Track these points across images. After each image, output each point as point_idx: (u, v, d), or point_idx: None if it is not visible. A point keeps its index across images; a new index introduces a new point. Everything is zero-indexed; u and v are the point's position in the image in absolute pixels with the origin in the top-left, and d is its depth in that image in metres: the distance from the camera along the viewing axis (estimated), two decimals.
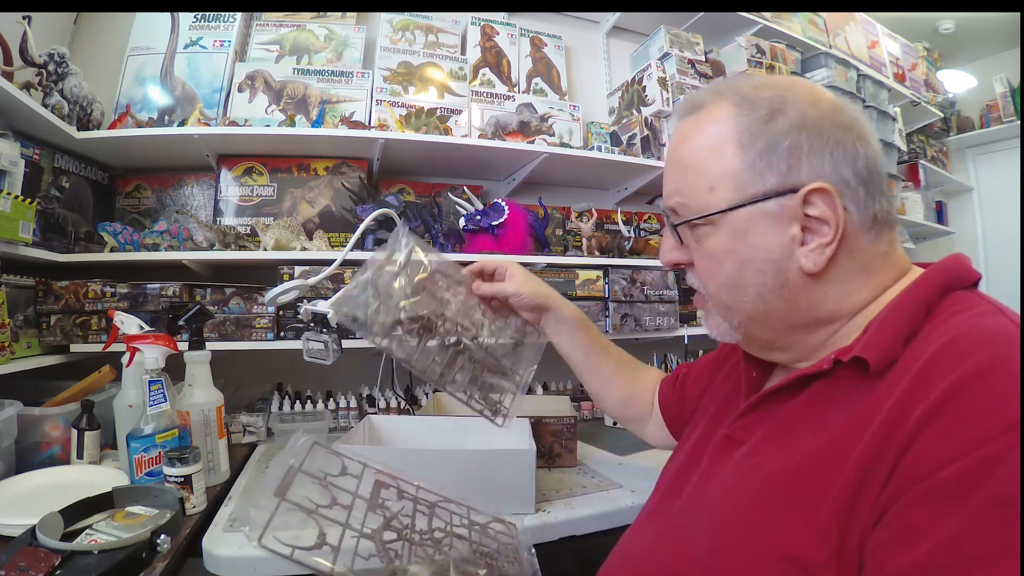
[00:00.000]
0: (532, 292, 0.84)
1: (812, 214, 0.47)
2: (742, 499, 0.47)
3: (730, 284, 0.52)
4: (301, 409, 1.34)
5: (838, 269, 0.49)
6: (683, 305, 1.66)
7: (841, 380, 0.47)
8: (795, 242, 0.48)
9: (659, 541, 0.56)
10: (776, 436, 0.49)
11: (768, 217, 0.49)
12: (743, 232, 0.50)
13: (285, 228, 1.31)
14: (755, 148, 0.49)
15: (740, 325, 0.54)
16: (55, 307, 1.16)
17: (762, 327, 0.53)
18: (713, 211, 0.50)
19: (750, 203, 0.49)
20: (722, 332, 0.57)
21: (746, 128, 0.49)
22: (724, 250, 0.51)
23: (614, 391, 0.91)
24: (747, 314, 0.52)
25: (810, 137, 0.48)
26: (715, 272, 0.53)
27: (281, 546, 0.48)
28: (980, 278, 0.49)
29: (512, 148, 1.52)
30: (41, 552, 0.61)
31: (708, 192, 0.51)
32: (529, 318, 0.86)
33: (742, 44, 1.84)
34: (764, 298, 0.50)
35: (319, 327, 1.17)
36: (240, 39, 1.54)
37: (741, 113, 0.50)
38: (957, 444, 0.36)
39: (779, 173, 0.48)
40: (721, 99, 0.52)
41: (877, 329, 0.46)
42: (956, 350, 0.40)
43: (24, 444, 0.93)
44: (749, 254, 0.50)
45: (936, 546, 0.34)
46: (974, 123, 3.01)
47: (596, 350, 0.89)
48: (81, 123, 1.27)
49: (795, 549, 0.41)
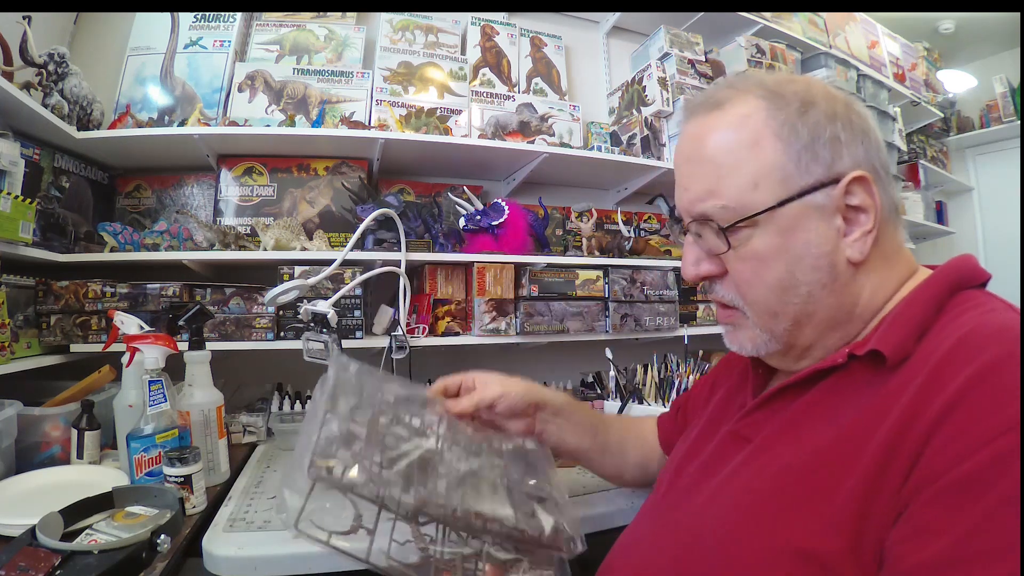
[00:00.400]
0: (523, 389, 0.70)
1: (853, 204, 0.47)
2: (754, 495, 0.47)
3: (781, 286, 0.49)
4: (301, 409, 1.34)
5: (872, 259, 0.49)
6: (683, 305, 1.66)
7: (854, 375, 0.47)
8: (840, 233, 0.48)
9: (665, 537, 0.55)
10: (787, 431, 0.49)
11: (816, 210, 0.48)
12: (792, 228, 0.48)
13: (285, 228, 1.31)
14: (799, 140, 0.47)
15: (784, 333, 0.51)
16: (55, 307, 1.16)
17: (806, 330, 0.50)
18: (760, 209, 0.47)
19: (798, 196, 0.47)
20: (757, 345, 0.53)
21: (784, 121, 0.48)
22: (773, 250, 0.48)
23: (630, 458, 0.80)
24: (794, 317, 0.49)
25: (844, 128, 0.48)
26: (762, 275, 0.49)
27: (317, 531, 0.47)
28: (990, 278, 0.50)
29: (512, 148, 1.52)
30: (41, 552, 0.61)
31: (752, 190, 0.48)
32: (518, 428, 0.71)
33: (742, 44, 1.84)
34: (814, 296, 0.48)
35: (319, 327, 1.17)
36: (240, 39, 1.54)
37: (772, 107, 0.49)
38: (971, 441, 0.36)
39: (824, 164, 0.47)
40: (745, 94, 0.50)
41: (891, 324, 0.47)
42: (970, 346, 0.41)
43: (24, 444, 0.92)
44: (801, 251, 0.48)
45: (954, 541, 0.35)
46: (974, 123, 3.01)
47: (599, 426, 0.78)
48: (81, 123, 1.27)
49: (809, 542, 0.41)
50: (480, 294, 1.39)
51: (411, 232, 1.37)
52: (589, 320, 1.48)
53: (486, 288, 1.39)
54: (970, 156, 3.11)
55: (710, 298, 0.56)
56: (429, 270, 1.43)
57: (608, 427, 0.79)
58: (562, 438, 0.73)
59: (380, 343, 1.31)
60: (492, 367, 1.69)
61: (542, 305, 1.43)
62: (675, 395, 1.41)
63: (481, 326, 1.38)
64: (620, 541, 0.63)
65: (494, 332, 1.39)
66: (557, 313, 1.45)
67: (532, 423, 0.71)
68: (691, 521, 0.53)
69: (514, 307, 1.42)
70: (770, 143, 0.48)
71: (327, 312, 1.15)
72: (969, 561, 0.34)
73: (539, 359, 1.74)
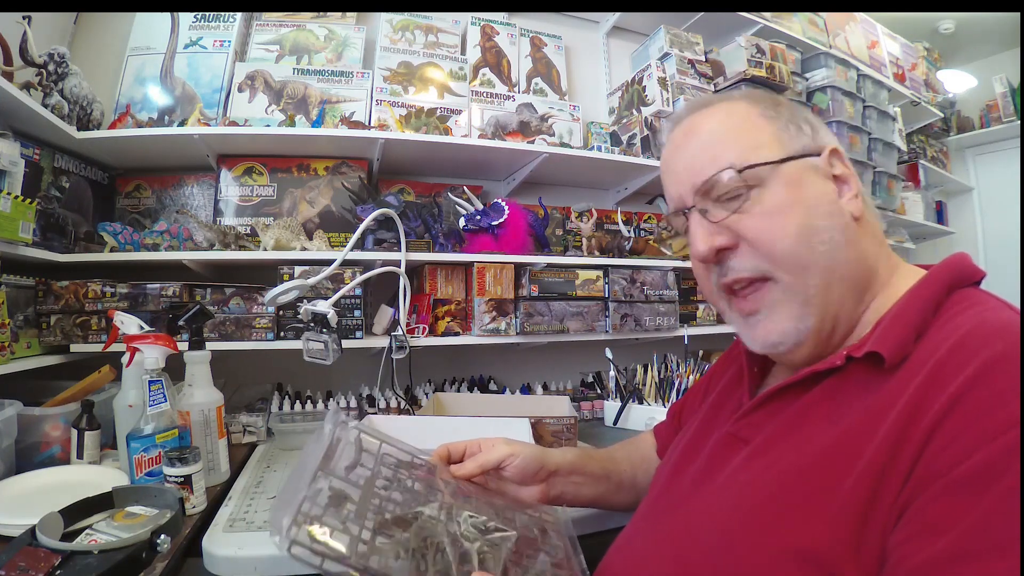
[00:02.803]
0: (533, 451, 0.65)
1: (836, 173, 0.53)
2: (754, 497, 0.47)
3: (804, 233, 0.49)
4: (301, 409, 1.34)
5: (865, 226, 0.53)
6: (683, 305, 1.66)
7: (852, 376, 0.47)
8: (836, 193, 0.53)
9: (662, 539, 0.55)
10: (786, 433, 0.49)
11: (814, 170, 0.53)
12: (799, 182, 0.51)
13: (285, 228, 1.31)
14: (781, 119, 0.54)
15: (816, 294, 0.49)
16: (55, 307, 1.16)
17: (835, 290, 0.49)
18: (767, 160, 0.51)
19: (798, 157, 0.52)
20: (796, 322, 0.50)
21: (763, 110, 0.55)
22: (787, 202, 0.50)
23: (642, 485, 0.76)
24: (824, 270, 0.49)
25: (811, 116, 0.56)
26: (783, 226, 0.49)
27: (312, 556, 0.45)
28: (984, 276, 0.51)
29: (512, 148, 1.52)
30: (41, 552, 0.61)
31: (755, 150, 0.52)
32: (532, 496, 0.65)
33: (742, 44, 1.84)
34: (837, 243, 0.50)
35: (319, 327, 1.17)
36: (240, 39, 1.54)
37: (751, 103, 0.56)
38: (973, 439, 0.37)
39: (806, 136, 0.54)
40: (725, 99, 0.57)
41: (888, 325, 0.47)
42: (970, 345, 0.41)
43: (24, 444, 0.92)
44: (814, 200, 0.51)
45: (958, 536, 0.35)
46: (974, 123, 3.01)
47: (609, 467, 0.75)
48: (81, 123, 1.27)
49: (810, 544, 0.41)
50: (480, 294, 1.39)
51: (411, 232, 1.37)
52: (589, 320, 1.48)
53: (486, 288, 1.39)
54: (970, 156, 3.11)
55: (727, 282, 0.53)
56: (429, 270, 1.43)
57: (617, 463, 0.77)
58: (579, 495, 0.70)
59: (380, 343, 1.31)
60: (492, 367, 1.70)
61: (542, 305, 1.44)
62: (675, 395, 1.41)
63: (481, 326, 1.38)
64: (617, 543, 0.62)
65: (494, 332, 1.39)
66: (557, 313, 1.45)
67: (546, 489, 0.67)
68: (690, 523, 0.52)
69: (514, 307, 1.42)
70: (760, 121, 0.54)
71: (327, 312, 1.15)
72: (974, 556, 0.34)
73: (539, 359, 1.75)
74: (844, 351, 0.48)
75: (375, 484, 0.54)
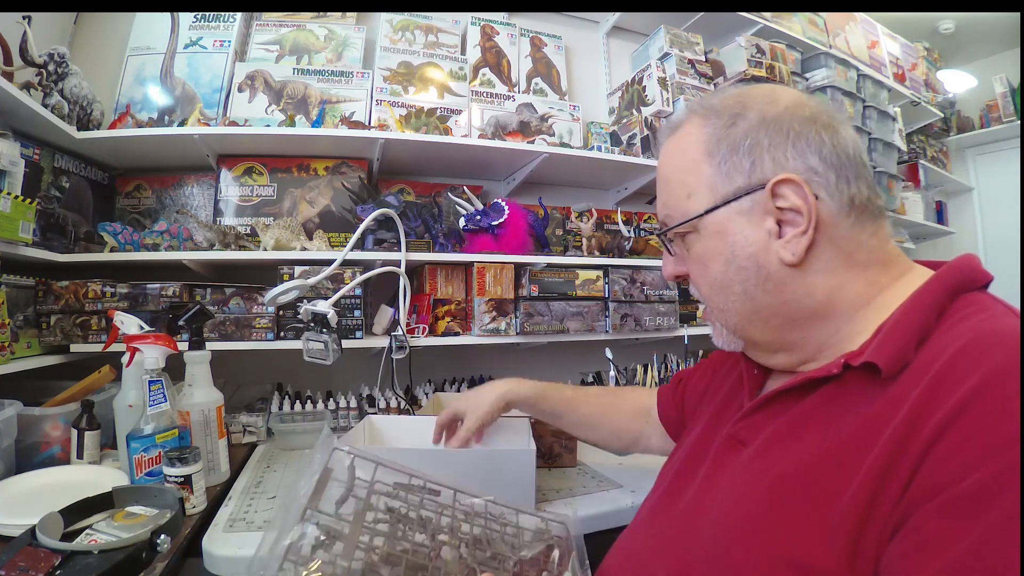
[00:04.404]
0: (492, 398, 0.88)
1: (784, 206, 0.49)
2: (750, 502, 0.47)
3: (718, 285, 0.54)
4: (301, 409, 1.34)
5: (821, 259, 0.49)
6: (683, 305, 1.66)
7: (851, 384, 0.46)
8: (772, 235, 0.50)
9: (662, 542, 0.55)
10: (784, 438, 0.49)
11: (743, 215, 0.51)
12: (722, 232, 0.52)
13: (285, 228, 1.31)
14: (720, 153, 0.52)
15: (737, 328, 0.55)
16: (55, 307, 1.16)
17: (757, 327, 0.54)
18: (691, 216, 0.53)
19: (724, 204, 0.51)
20: (726, 340, 0.58)
21: (711, 136, 0.53)
22: (710, 252, 0.53)
23: (601, 432, 0.93)
24: (738, 314, 0.54)
25: (769, 133, 0.50)
26: (704, 275, 0.55)
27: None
28: (992, 279, 0.49)
29: (512, 148, 1.52)
30: (41, 552, 0.61)
31: (687, 200, 0.54)
32: None
33: (742, 44, 1.84)
34: (750, 294, 0.52)
35: (319, 327, 1.17)
36: (240, 39, 1.54)
37: (707, 124, 0.54)
38: (973, 455, 0.36)
39: (743, 171, 0.50)
40: (693, 115, 0.56)
41: (888, 333, 0.45)
42: (971, 356, 0.40)
43: (24, 444, 0.92)
44: (731, 252, 0.52)
45: (959, 555, 0.34)
46: (974, 123, 3.01)
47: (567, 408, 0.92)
48: (81, 123, 1.27)
49: (804, 554, 0.41)
50: (480, 294, 1.39)
51: (411, 232, 1.37)
52: (589, 320, 1.49)
53: (486, 288, 1.39)
54: (970, 156, 3.11)
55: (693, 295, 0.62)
56: (429, 270, 1.43)
57: (577, 406, 0.92)
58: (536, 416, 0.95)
59: (380, 343, 1.31)
60: (492, 367, 1.70)
61: (542, 305, 1.44)
62: None
63: (481, 326, 1.38)
64: (618, 544, 0.62)
65: (494, 332, 1.39)
66: (557, 313, 1.45)
67: None
68: (689, 527, 0.53)
69: (514, 307, 1.42)
70: (702, 159, 0.53)
71: (327, 312, 1.15)
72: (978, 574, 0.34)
73: (539, 359, 1.75)
74: (842, 358, 0.47)
75: (365, 519, 0.54)
